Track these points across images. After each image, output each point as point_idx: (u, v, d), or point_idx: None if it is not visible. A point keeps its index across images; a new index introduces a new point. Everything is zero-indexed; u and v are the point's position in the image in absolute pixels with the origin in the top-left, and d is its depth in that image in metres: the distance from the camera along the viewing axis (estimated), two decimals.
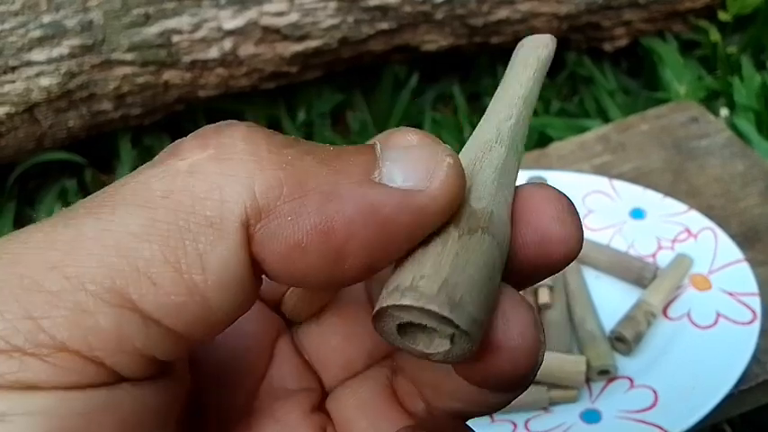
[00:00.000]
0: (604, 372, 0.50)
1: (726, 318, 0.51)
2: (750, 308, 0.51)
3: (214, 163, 0.16)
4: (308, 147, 0.17)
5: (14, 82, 0.70)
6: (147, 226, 0.16)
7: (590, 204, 0.62)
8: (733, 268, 0.54)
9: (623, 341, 0.51)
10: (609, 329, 0.53)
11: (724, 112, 0.78)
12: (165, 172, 0.16)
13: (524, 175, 0.61)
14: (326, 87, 0.88)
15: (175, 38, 0.75)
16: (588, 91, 0.86)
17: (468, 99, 0.87)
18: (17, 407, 0.15)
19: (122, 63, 0.74)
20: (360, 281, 0.18)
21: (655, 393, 0.48)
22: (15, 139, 0.74)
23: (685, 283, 0.54)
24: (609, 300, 0.55)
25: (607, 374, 0.50)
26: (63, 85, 0.72)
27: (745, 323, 0.50)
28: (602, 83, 0.85)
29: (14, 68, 0.70)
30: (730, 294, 0.52)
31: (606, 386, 0.50)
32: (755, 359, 0.49)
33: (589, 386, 0.50)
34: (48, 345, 0.15)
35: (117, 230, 0.16)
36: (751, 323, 0.50)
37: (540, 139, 0.78)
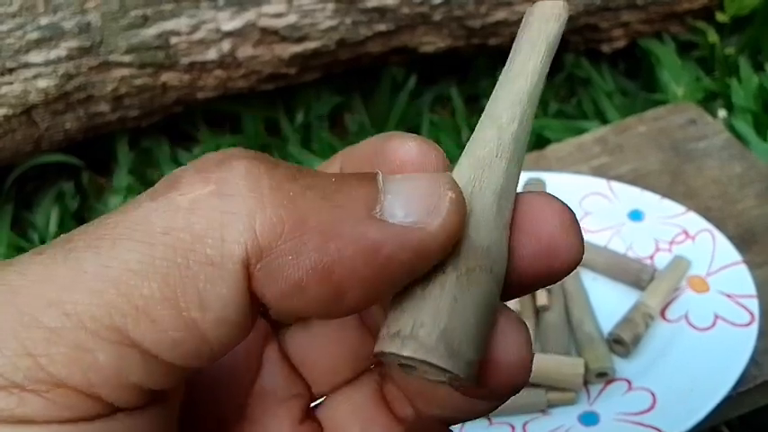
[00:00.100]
0: (602, 374, 0.50)
1: (724, 320, 0.51)
2: (748, 310, 0.51)
3: (215, 199, 0.16)
4: (310, 179, 0.17)
5: (12, 84, 0.70)
6: (147, 263, 0.16)
7: (588, 206, 0.62)
8: (731, 270, 0.54)
9: (621, 343, 0.51)
10: (607, 331, 0.53)
11: (722, 114, 0.78)
12: (166, 207, 0.16)
13: (523, 177, 0.61)
14: (325, 89, 0.88)
15: (173, 39, 0.75)
16: (586, 92, 0.86)
17: (466, 101, 0.87)
18: None
19: (120, 65, 0.74)
20: (358, 312, 0.18)
21: (653, 395, 0.48)
22: (13, 142, 0.74)
23: (683, 285, 0.54)
24: (607, 302, 0.55)
25: (605, 377, 0.50)
26: (60, 87, 0.72)
27: (742, 325, 0.50)
28: (599, 84, 0.85)
29: (12, 70, 0.70)
30: (728, 296, 0.52)
31: (604, 388, 0.50)
32: (753, 361, 0.49)
33: (587, 388, 0.50)
34: (47, 381, 0.15)
35: (116, 267, 0.16)
36: (749, 325, 0.50)
37: (538, 141, 0.78)
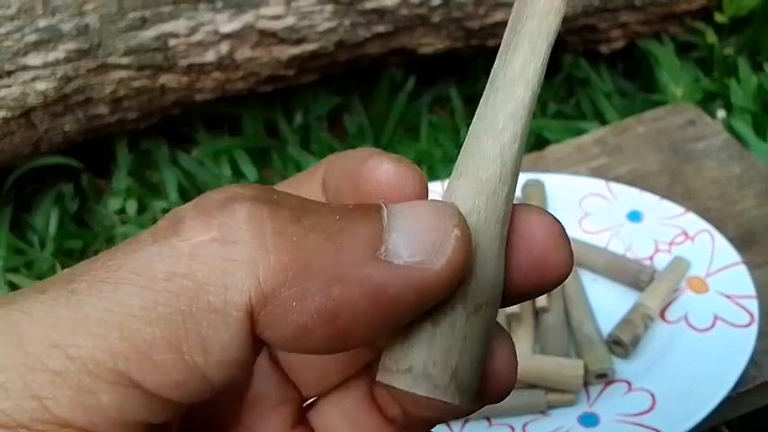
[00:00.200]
0: (602, 375, 0.50)
1: (723, 320, 0.51)
2: (747, 310, 0.51)
3: (217, 246, 0.16)
4: (314, 218, 0.17)
5: (10, 86, 0.70)
6: (150, 309, 0.16)
7: (587, 207, 0.62)
8: (730, 271, 0.54)
9: (621, 344, 0.51)
10: (606, 333, 0.52)
11: (721, 114, 0.78)
12: (169, 252, 0.17)
13: (521, 178, 0.61)
14: (323, 90, 0.88)
15: (172, 42, 0.75)
16: (585, 93, 0.86)
17: (464, 102, 0.87)
18: None
19: (118, 67, 0.74)
20: (361, 346, 0.19)
21: (652, 396, 0.48)
22: (11, 144, 0.74)
23: (682, 286, 0.54)
24: (606, 303, 0.55)
25: (605, 378, 0.50)
26: (59, 90, 0.72)
27: (742, 326, 0.50)
28: (598, 85, 0.85)
29: (10, 73, 0.70)
30: (728, 297, 0.52)
31: (604, 390, 0.50)
32: (753, 362, 0.49)
33: (587, 390, 0.50)
34: (52, 422, 0.16)
35: (119, 312, 0.16)
36: (748, 326, 0.50)
37: (537, 142, 0.78)
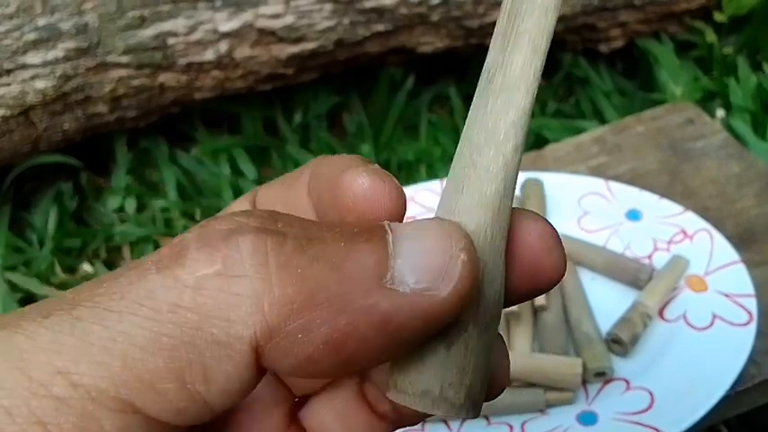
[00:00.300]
0: (600, 374, 0.50)
1: (722, 319, 0.51)
2: (746, 309, 0.51)
3: (221, 280, 0.16)
4: (318, 248, 0.17)
5: (9, 85, 0.70)
6: (153, 340, 0.16)
7: (586, 206, 0.62)
8: (729, 269, 0.54)
9: (619, 343, 0.51)
10: (605, 331, 0.53)
11: (720, 114, 0.78)
12: (172, 284, 0.17)
13: (521, 177, 0.61)
14: (323, 89, 0.88)
15: (171, 40, 0.75)
16: (584, 92, 0.86)
17: (464, 100, 0.87)
18: None
19: (118, 66, 0.74)
20: (368, 370, 0.20)
21: (651, 395, 0.48)
22: (10, 143, 0.74)
23: (681, 285, 0.54)
24: (605, 301, 0.55)
25: (603, 376, 0.50)
26: (58, 88, 0.72)
27: (741, 324, 0.50)
28: (598, 84, 0.85)
29: (9, 71, 0.70)
30: (726, 296, 0.52)
31: (602, 388, 0.50)
32: (752, 360, 0.49)
33: (585, 388, 0.50)
34: None
35: (122, 341, 0.16)
36: (747, 324, 0.50)
37: (537, 141, 0.78)
